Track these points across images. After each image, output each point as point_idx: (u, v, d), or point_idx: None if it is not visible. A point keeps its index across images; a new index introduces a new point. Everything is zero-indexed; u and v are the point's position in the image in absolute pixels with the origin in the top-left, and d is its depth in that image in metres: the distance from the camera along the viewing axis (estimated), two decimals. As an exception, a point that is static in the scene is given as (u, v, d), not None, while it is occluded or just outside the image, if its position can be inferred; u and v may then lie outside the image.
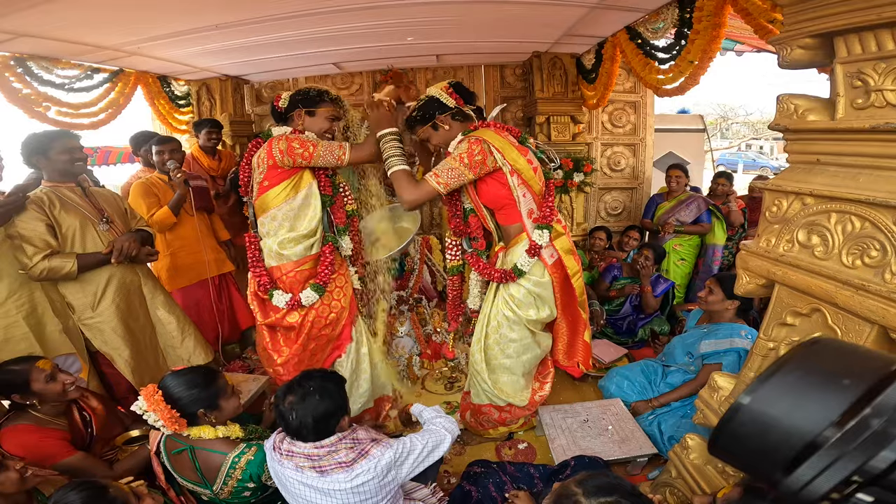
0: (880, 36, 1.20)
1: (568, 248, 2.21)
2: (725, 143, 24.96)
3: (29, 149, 2.24)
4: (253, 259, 2.27)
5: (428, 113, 2.14)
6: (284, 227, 2.19)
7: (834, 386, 0.51)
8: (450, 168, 2.01)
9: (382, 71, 4.68)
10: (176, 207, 3.09)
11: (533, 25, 3.45)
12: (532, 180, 2.12)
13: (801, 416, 0.51)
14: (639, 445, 2.32)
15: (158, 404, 1.68)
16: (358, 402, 2.43)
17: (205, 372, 1.85)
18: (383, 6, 2.85)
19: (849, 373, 0.51)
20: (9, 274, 2.15)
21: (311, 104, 2.22)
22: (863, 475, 0.46)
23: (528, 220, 2.14)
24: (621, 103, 4.91)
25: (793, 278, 1.39)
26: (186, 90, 4.50)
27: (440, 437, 1.74)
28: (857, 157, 1.28)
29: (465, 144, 2.03)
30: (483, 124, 2.16)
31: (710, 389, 1.74)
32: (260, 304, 2.30)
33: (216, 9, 2.67)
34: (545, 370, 2.48)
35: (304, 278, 2.24)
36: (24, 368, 1.82)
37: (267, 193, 2.15)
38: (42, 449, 1.79)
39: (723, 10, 2.51)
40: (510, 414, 2.40)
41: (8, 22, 2.44)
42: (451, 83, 2.15)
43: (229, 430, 1.82)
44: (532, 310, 2.22)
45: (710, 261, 4.16)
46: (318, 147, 2.11)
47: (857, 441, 0.47)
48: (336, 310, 2.30)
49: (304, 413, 1.55)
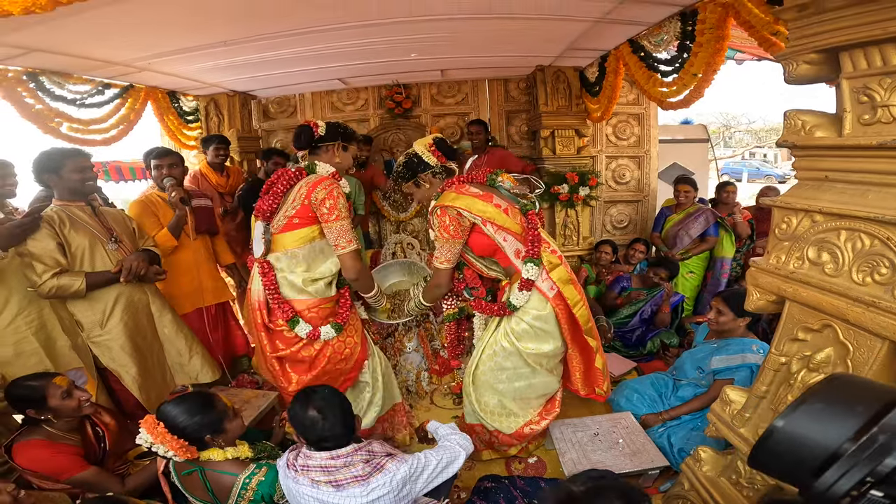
0: (885, 51, 1.21)
1: (566, 279, 2.18)
2: (729, 152, 24.97)
3: (40, 167, 2.26)
4: (272, 289, 2.15)
5: (411, 171, 2.28)
6: (302, 265, 2.16)
7: (849, 411, 0.67)
8: (442, 247, 2.17)
9: (387, 86, 4.73)
10: (176, 229, 2.94)
11: (536, 40, 3.48)
12: (507, 222, 2.13)
13: (824, 434, 0.67)
14: (650, 458, 2.31)
15: (164, 436, 1.66)
16: (373, 413, 2.43)
17: (203, 397, 1.84)
18: (388, 23, 2.89)
19: (860, 401, 0.68)
20: (18, 291, 2.17)
21: (349, 139, 2.30)
22: (874, 476, 0.61)
23: (516, 260, 2.15)
24: (625, 115, 4.91)
25: (804, 295, 1.39)
26: (195, 106, 4.56)
27: (454, 454, 1.75)
28: (866, 174, 1.28)
29: (436, 220, 2.14)
30: (448, 183, 2.22)
31: (723, 403, 1.74)
32: (268, 335, 2.22)
33: (224, 25, 2.72)
34: (551, 408, 2.42)
35: (324, 315, 2.22)
36: (42, 384, 1.85)
37: (295, 231, 2.11)
38: (55, 463, 1.82)
39: (725, 22, 2.51)
40: (497, 439, 2.38)
41: (22, 37, 2.49)
42: (434, 140, 2.27)
43: (238, 450, 1.83)
44: (532, 343, 2.20)
45: (718, 273, 4.14)
46: (339, 222, 2.07)
47: (867, 451, 0.62)
48: (350, 346, 2.29)
49: (331, 418, 1.61)
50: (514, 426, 2.34)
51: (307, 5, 2.51)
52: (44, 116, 3.09)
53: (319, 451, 1.62)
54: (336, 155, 2.24)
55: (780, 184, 13.61)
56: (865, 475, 0.61)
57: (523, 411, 2.35)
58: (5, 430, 2.12)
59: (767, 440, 0.73)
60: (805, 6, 1.35)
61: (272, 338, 2.22)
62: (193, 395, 1.88)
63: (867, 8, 1.19)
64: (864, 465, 0.62)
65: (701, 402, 2.48)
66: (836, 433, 0.66)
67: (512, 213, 2.17)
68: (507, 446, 2.43)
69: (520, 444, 2.46)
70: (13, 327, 2.15)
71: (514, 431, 2.34)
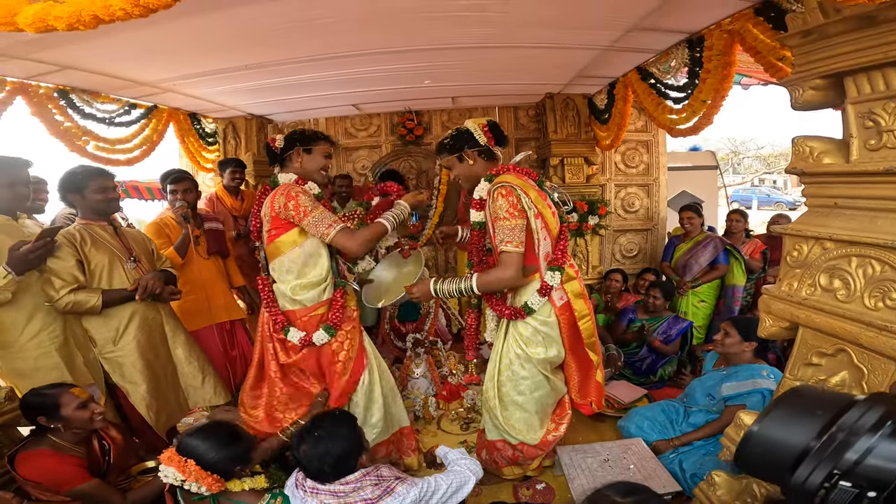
0: (888, 75, 1.23)
1: (578, 292, 2.20)
2: (738, 179, 24.92)
3: (65, 187, 2.34)
4: (267, 301, 2.30)
5: (458, 143, 2.20)
6: (293, 273, 2.23)
7: (811, 414, 0.77)
8: (509, 229, 2.03)
9: (399, 113, 4.83)
10: (181, 248, 3.01)
11: (545, 67, 3.57)
12: (551, 223, 2.15)
13: (792, 435, 0.77)
14: (662, 483, 2.27)
15: (199, 473, 1.62)
16: (372, 433, 2.38)
17: (227, 429, 1.82)
18: (402, 51, 3.00)
19: (820, 406, 0.78)
20: (44, 307, 2.21)
21: (307, 142, 2.29)
22: (840, 469, 0.69)
23: (543, 263, 2.15)
24: (633, 143, 4.93)
25: (816, 321, 1.39)
26: (214, 128, 4.67)
27: (464, 479, 1.74)
28: (873, 201, 1.29)
29: (500, 200, 2.04)
30: (503, 168, 2.19)
31: (738, 427, 1.72)
32: (280, 344, 2.32)
33: (245, 49, 2.83)
34: (562, 412, 2.42)
35: (316, 322, 2.27)
36: (58, 392, 1.87)
37: (275, 241, 2.20)
38: (58, 474, 1.82)
39: (732, 48, 2.57)
40: (523, 453, 2.35)
41: (58, 54, 2.61)
42: (489, 122, 2.21)
43: (255, 481, 1.81)
44: (540, 348, 2.20)
45: (730, 301, 4.08)
46: (310, 215, 2.11)
47: (830, 448, 0.71)
48: (343, 359, 2.30)
49: (320, 459, 1.59)
50: (538, 437, 2.31)
51: (325, 32, 2.61)
52: (71, 134, 3.19)
53: (322, 484, 1.62)
54: (298, 161, 2.27)
55: (791, 210, 13.55)
56: (832, 469, 0.69)
57: (545, 419, 2.35)
58: (8, 441, 2.14)
59: (746, 444, 0.82)
60: (809, 32, 1.39)
61: (285, 347, 2.32)
62: (217, 426, 1.83)
63: (867, 33, 1.22)
64: (828, 460, 0.70)
65: (713, 428, 2.45)
66: (802, 434, 0.75)
67: (556, 217, 2.20)
68: (530, 459, 2.39)
69: (542, 456, 2.43)
70: (37, 341, 2.19)
71: (539, 441, 2.31)
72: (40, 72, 2.86)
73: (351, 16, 2.42)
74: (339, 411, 1.78)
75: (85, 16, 1.49)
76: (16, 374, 2.19)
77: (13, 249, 2.04)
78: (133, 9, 1.45)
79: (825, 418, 0.74)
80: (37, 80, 2.97)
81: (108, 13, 1.47)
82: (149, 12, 1.47)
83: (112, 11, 1.46)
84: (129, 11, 1.46)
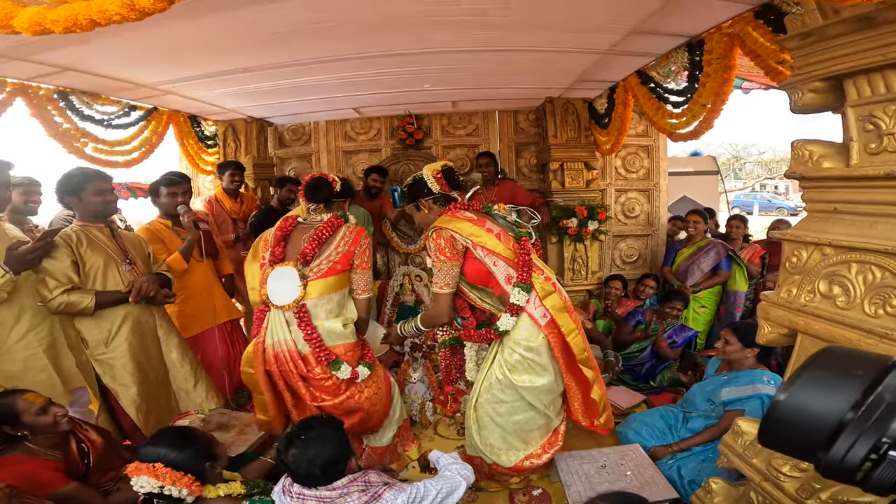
0: (888, 77, 1.22)
1: (560, 307, 2.16)
2: (739, 184, 24.90)
3: (62, 189, 2.34)
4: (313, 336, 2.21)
5: (414, 193, 2.34)
6: (335, 310, 2.30)
7: (849, 377, 0.65)
8: (440, 270, 2.17)
9: (399, 116, 4.83)
10: (187, 253, 2.99)
11: (546, 71, 3.56)
12: (498, 247, 2.16)
13: (828, 402, 0.65)
14: (659, 490, 2.23)
15: (172, 475, 1.59)
16: (394, 428, 2.57)
17: (177, 430, 1.85)
18: (402, 54, 2.99)
19: (859, 366, 0.66)
20: (31, 307, 2.20)
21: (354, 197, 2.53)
22: (891, 438, 0.59)
23: (507, 286, 2.16)
24: (634, 147, 4.90)
25: (815, 328, 1.37)
26: (214, 131, 4.67)
27: (455, 484, 1.72)
28: (874, 206, 1.28)
29: (432, 243, 2.18)
30: (445, 211, 2.28)
31: (734, 434, 1.71)
32: (305, 384, 2.28)
33: (246, 52, 2.82)
34: (553, 441, 2.37)
35: (357, 357, 2.36)
36: (10, 401, 1.84)
37: (337, 276, 2.27)
38: (36, 478, 1.80)
39: (732, 52, 2.55)
40: (496, 472, 2.34)
41: (58, 55, 2.60)
42: (443, 168, 2.31)
43: (231, 486, 1.79)
44: (525, 375, 2.17)
45: (731, 307, 4.07)
46: (367, 270, 2.37)
47: (876, 414, 0.60)
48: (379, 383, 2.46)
49: (309, 463, 1.56)
50: (513, 459, 2.29)
51: (326, 35, 2.60)
52: (70, 136, 3.18)
53: (310, 489, 1.60)
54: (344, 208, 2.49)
55: (793, 216, 13.52)
56: (879, 438, 0.59)
57: (525, 445, 2.31)
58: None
59: (771, 416, 0.70)
60: (808, 34, 1.38)
61: (310, 390, 2.29)
62: (167, 430, 1.86)
63: (867, 34, 1.21)
64: (874, 429, 0.60)
65: (712, 434, 2.43)
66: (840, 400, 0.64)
67: (504, 239, 2.21)
68: (507, 477, 2.38)
69: (520, 477, 2.41)
70: (24, 343, 2.17)
71: (513, 465, 2.29)
72: (41, 73, 2.85)
73: (352, 20, 2.42)
74: (326, 416, 1.77)
75: (81, 19, 1.49)
76: (5, 376, 2.16)
77: (11, 249, 2.04)
78: (129, 13, 1.45)
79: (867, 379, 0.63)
80: (37, 81, 2.97)
81: (104, 17, 1.47)
82: (144, 16, 1.47)
83: (108, 15, 1.46)
84: (125, 15, 1.45)
